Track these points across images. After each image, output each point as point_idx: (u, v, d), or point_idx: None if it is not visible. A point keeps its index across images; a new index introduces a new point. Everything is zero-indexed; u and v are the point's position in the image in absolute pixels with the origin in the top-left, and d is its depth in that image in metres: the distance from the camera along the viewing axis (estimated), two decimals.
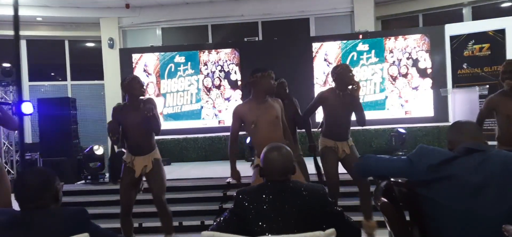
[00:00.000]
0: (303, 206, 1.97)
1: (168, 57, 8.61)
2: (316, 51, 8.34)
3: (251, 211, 1.99)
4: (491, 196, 1.77)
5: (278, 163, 2.08)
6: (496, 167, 1.81)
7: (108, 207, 5.64)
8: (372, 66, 8.14)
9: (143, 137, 3.87)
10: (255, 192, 2.07)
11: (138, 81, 3.86)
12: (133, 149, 3.90)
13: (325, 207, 2.03)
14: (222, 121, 8.53)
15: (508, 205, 1.75)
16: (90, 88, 9.76)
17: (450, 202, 1.81)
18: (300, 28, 9.23)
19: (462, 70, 7.40)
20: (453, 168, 1.85)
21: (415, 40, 8.03)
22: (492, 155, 1.87)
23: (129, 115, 3.81)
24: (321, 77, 8.32)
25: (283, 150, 2.14)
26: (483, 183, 1.79)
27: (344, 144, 4.03)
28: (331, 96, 4.02)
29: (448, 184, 1.83)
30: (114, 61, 8.90)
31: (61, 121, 7.23)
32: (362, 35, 8.19)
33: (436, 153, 1.93)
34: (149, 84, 8.60)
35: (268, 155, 2.13)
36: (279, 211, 1.97)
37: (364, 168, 2.23)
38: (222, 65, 8.57)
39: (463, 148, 1.90)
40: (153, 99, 4.03)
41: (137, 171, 3.86)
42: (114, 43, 9.11)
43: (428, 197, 1.88)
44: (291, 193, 2.02)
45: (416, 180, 1.94)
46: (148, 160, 3.89)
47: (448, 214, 1.82)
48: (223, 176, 5.93)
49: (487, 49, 7.34)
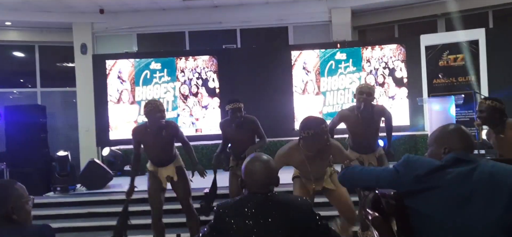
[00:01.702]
0: (288, 220, 1.89)
1: (144, 63, 8.41)
2: (295, 60, 8.32)
3: (232, 225, 1.90)
4: (478, 208, 1.73)
5: (260, 174, 1.98)
6: (483, 178, 1.77)
7: (79, 221, 5.42)
8: (350, 75, 8.17)
9: (165, 153, 4.10)
10: (236, 205, 1.97)
11: (159, 110, 3.92)
12: (156, 162, 4.11)
13: (310, 221, 1.95)
14: (199, 129, 8.38)
15: (495, 216, 1.71)
16: (61, 95, 9.45)
17: (437, 213, 1.77)
18: (279, 37, 9.22)
19: (438, 79, 7.50)
20: (440, 178, 1.81)
21: (391, 50, 8.11)
22: (479, 165, 1.83)
23: (150, 139, 4.00)
24: (299, 86, 8.30)
25: (266, 161, 2.04)
26: (471, 194, 1.75)
27: (371, 156, 4.18)
28: (351, 115, 4.15)
29: (435, 194, 1.79)
30: (87, 67, 8.62)
31: (29, 129, 6.92)
32: (340, 44, 8.23)
33: (423, 163, 1.88)
34: (123, 91, 8.38)
35: (250, 166, 2.03)
36: (262, 226, 1.87)
37: (349, 178, 2.16)
38: (199, 73, 8.44)
39: (452, 158, 1.85)
40: (175, 123, 4.36)
41: (163, 182, 4.11)
42: (87, 49, 8.85)
43: (415, 208, 1.83)
44: (275, 206, 1.93)
45: (403, 190, 1.88)
46: (171, 170, 4.11)
47: (435, 225, 1.77)
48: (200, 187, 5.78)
49: (462, 59, 7.48)
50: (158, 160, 4.10)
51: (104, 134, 8.33)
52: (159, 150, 4.06)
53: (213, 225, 1.96)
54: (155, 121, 3.91)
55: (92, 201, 5.87)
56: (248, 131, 4.39)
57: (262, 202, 1.93)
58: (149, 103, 4.00)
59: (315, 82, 8.28)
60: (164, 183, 4.13)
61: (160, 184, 4.11)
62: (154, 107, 3.91)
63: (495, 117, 3.53)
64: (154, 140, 3.99)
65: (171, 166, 4.13)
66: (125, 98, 8.39)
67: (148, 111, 3.91)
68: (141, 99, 8.38)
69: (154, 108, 3.90)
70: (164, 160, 4.11)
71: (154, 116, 3.89)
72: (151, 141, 4.01)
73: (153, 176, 4.12)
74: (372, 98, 4.09)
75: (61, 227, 4.95)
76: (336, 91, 8.22)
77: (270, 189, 1.99)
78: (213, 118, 8.40)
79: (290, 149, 3.36)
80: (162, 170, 4.10)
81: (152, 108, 3.90)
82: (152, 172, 4.12)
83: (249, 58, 8.39)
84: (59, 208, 5.79)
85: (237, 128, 4.33)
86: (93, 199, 5.93)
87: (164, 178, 4.11)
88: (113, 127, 8.37)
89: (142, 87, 8.40)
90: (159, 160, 4.10)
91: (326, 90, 8.25)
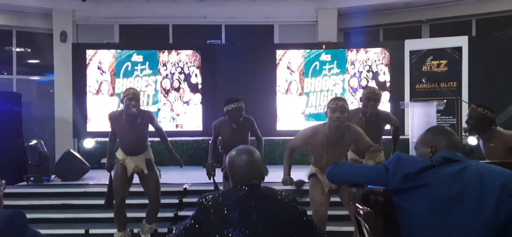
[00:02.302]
0: (271, 214, 1.83)
1: (125, 55, 8.23)
2: (279, 59, 8.27)
3: (215, 218, 1.82)
4: (467, 208, 1.71)
5: (244, 167, 1.93)
6: (473, 178, 1.76)
7: (51, 212, 5.24)
8: (334, 77, 8.17)
9: (137, 143, 4.11)
10: (220, 198, 1.89)
11: (129, 98, 3.93)
12: (126, 150, 4.11)
13: (295, 217, 1.89)
14: (179, 125, 8.24)
15: (483, 217, 1.69)
16: (39, 84, 9.15)
17: (425, 212, 1.74)
18: (264, 35, 9.15)
19: (421, 84, 7.57)
20: (430, 177, 1.78)
21: (375, 53, 8.15)
22: (469, 165, 1.83)
23: (124, 126, 4.03)
24: (283, 85, 8.25)
25: (251, 154, 1.98)
26: (460, 194, 1.73)
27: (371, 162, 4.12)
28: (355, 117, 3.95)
29: (424, 193, 1.76)
30: (66, 56, 8.37)
31: (4, 117, 6.68)
32: (325, 45, 8.22)
33: (413, 162, 1.86)
34: (103, 82, 8.18)
35: (234, 158, 1.97)
36: (245, 219, 1.80)
37: (338, 174, 2.11)
38: (182, 67, 8.30)
39: (441, 157, 1.84)
40: (150, 113, 4.33)
41: (129, 170, 4.08)
42: (67, 37, 8.58)
43: (403, 206, 1.80)
44: (258, 200, 1.86)
45: (392, 188, 1.85)
46: (140, 161, 4.10)
47: (423, 224, 1.75)
48: (179, 182, 5.67)
49: (445, 65, 7.58)
50: (129, 148, 4.11)
51: (82, 125, 8.12)
52: (132, 138, 4.07)
53: (196, 218, 1.88)
54: (127, 108, 3.95)
55: (66, 192, 5.68)
56: (245, 131, 4.24)
57: (246, 196, 1.86)
58: (125, 90, 4.07)
59: (299, 82, 8.25)
60: (129, 172, 4.10)
61: (125, 173, 4.10)
62: (127, 95, 3.96)
63: (484, 125, 3.47)
64: (128, 127, 4.02)
65: (140, 156, 4.12)
66: (105, 90, 8.19)
67: (123, 98, 4.00)
68: (121, 91, 8.17)
69: (127, 96, 3.95)
70: (134, 150, 4.11)
71: (128, 103, 3.94)
72: (124, 128, 4.04)
73: (120, 165, 4.10)
74: (379, 103, 4.04)
75: (34, 218, 4.77)
76: (319, 93, 8.21)
77: (254, 182, 1.92)
78: (194, 114, 8.28)
79: (315, 129, 3.39)
80: (131, 160, 4.09)
81: (126, 95, 3.97)
82: (120, 161, 4.11)
83: (233, 55, 8.30)
84: (32, 199, 5.58)
85: (236, 128, 4.11)
86: (68, 190, 5.74)
87: (132, 168, 4.09)
88: (91, 119, 8.16)
89: (123, 79, 8.21)
90: (129, 148, 4.10)
91: (309, 91, 8.23)
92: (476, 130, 3.54)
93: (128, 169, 4.10)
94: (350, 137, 3.35)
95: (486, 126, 3.46)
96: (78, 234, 4.87)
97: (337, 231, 4.51)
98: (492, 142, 3.45)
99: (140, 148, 4.13)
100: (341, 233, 4.21)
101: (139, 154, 4.12)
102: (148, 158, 4.19)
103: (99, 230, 4.90)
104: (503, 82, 7.22)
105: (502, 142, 3.39)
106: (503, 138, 3.40)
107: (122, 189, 4.11)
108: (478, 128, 3.51)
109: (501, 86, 7.09)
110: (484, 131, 3.49)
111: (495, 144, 3.43)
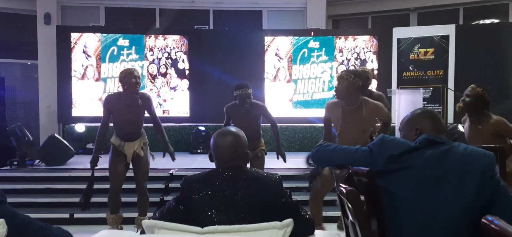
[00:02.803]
0: (256, 195, 1.81)
1: (111, 39, 8.09)
2: (268, 45, 8.22)
3: (199, 200, 1.80)
4: (449, 189, 1.73)
5: (227, 148, 1.91)
6: (455, 160, 1.78)
7: (35, 196, 5.17)
8: (322, 64, 8.16)
9: (135, 126, 3.98)
10: (204, 179, 1.87)
11: (135, 76, 3.84)
12: (123, 136, 3.97)
13: (280, 198, 1.88)
14: (166, 111, 8.18)
15: (465, 198, 1.71)
16: (22, 67, 8.96)
17: (408, 194, 1.76)
18: (253, 20, 9.07)
19: (408, 72, 7.61)
20: (413, 159, 1.80)
21: (364, 41, 8.16)
22: (452, 147, 1.84)
23: (123, 108, 3.89)
24: (271, 72, 8.22)
25: (235, 136, 1.95)
26: (442, 176, 1.75)
27: None
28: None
29: (407, 175, 1.78)
30: (50, 39, 8.19)
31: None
32: (314, 32, 8.19)
33: (397, 144, 1.87)
34: (88, 67, 8.05)
35: (218, 139, 1.94)
36: (230, 200, 1.79)
37: (323, 156, 2.11)
38: (169, 52, 8.21)
39: (424, 140, 1.86)
40: (149, 96, 4.17)
41: (128, 157, 3.95)
42: (51, 19, 8.40)
43: (387, 188, 1.81)
44: (244, 181, 1.84)
45: (376, 170, 1.86)
46: (137, 145, 3.98)
47: (406, 206, 1.76)
48: (165, 168, 5.64)
49: (432, 54, 7.62)
50: (126, 133, 3.96)
51: (67, 110, 7.99)
52: (130, 121, 3.94)
53: (180, 199, 1.86)
54: (131, 87, 3.82)
55: (51, 177, 5.60)
56: (256, 116, 4.26)
57: (230, 177, 1.84)
58: (125, 70, 3.96)
59: (287, 69, 8.23)
60: (129, 158, 3.97)
61: (124, 159, 3.97)
62: (130, 73, 3.84)
63: (478, 106, 3.47)
64: (128, 110, 3.89)
65: (137, 141, 4.00)
66: (90, 74, 8.07)
67: (124, 76, 3.84)
68: (107, 76, 8.08)
69: (130, 74, 3.83)
70: (132, 134, 3.97)
71: (130, 81, 3.81)
72: (124, 110, 3.89)
73: (117, 151, 3.97)
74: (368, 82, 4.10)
75: (18, 202, 4.70)
76: (307, 80, 8.20)
77: (238, 164, 1.90)
78: (181, 100, 8.22)
79: (333, 101, 3.57)
80: (128, 145, 3.96)
81: (128, 73, 3.84)
82: (117, 147, 3.96)
83: (221, 41, 8.23)
84: (16, 183, 5.49)
85: (245, 113, 4.15)
86: (53, 175, 5.67)
87: (131, 153, 3.96)
88: (76, 104, 8.04)
89: (109, 64, 8.09)
90: (127, 133, 3.96)
91: (297, 78, 8.21)
92: (470, 109, 3.52)
93: (128, 155, 3.97)
94: (368, 110, 3.33)
95: (480, 107, 3.47)
96: (62, 218, 4.81)
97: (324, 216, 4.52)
98: (481, 124, 3.46)
99: (138, 133, 4.02)
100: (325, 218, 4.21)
101: (136, 139, 4.00)
102: (145, 142, 4.09)
103: (83, 215, 4.84)
104: (489, 71, 7.29)
105: (491, 125, 3.41)
106: (493, 122, 3.42)
107: (121, 174, 4.00)
108: (472, 107, 3.49)
109: (487, 75, 7.16)
110: (476, 112, 3.49)
111: (483, 126, 3.45)
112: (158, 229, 1.66)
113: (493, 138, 3.34)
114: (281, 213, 1.79)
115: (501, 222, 1.16)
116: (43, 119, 8.41)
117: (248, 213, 1.76)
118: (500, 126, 3.40)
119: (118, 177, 3.99)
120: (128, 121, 3.94)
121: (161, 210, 1.89)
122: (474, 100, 3.47)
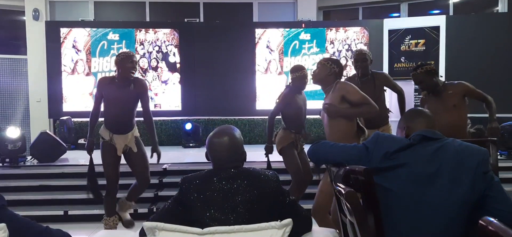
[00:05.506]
0: (256, 195, 1.81)
1: (101, 33, 8.01)
2: (259, 38, 8.21)
3: (198, 200, 1.80)
4: (443, 185, 1.75)
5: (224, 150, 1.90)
6: (449, 157, 1.80)
7: (29, 193, 5.14)
8: (313, 56, 8.18)
9: (125, 116, 3.75)
10: (203, 179, 1.87)
11: (131, 60, 3.66)
12: (112, 126, 3.74)
13: (278, 196, 1.89)
14: (158, 105, 8.15)
15: (459, 194, 1.74)
16: (11, 62, 8.84)
17: (403, 190, 1.78)
18: (243, 13, 9.03)
19: (399, 63, 7.66)
20: (407, 156, 1.82)
21: (355, 32, 8.18)
22: (446, 144, 1.86)
23: (116, 93, 3.67)
24: (262, 64, 8.22)
25: (231, 136, 1.94)
26: (437, 172, 1.77)
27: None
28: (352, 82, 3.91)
29: (402, 172, 1.80)
30: (39, 34, 8.10)
31: None
32: (305, 24, 8.19)
33: (392, 141, 1.89)
34: (78, 61, 7.97)
35: (214, 139, 1.93)
36: (229, 201, 1.79)
37: (320, 153, 2.13)
38: (160, 46, 8.16)
39: (418, 136, 1.88)
40: (145, 82, 3.92)
41: (119, 150, 3.75)
42: (40, 14, 8.28)
43: (383, 185, 1.83)
44: (242, 181, 1.84)
45: (371, 167, 1.88)
46: (129, 139, 3.77)
47: (401, 202, 1.79)
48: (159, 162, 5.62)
49: (423, 45, 7.67)
50: (116, 123, 3.72)
51: (57, 105, 7.92)
52: (121, 109, 3.70)
53: (178, 199, 1.86)
54: (125, 71, 3.63)
55: (44, 173, 5.56)
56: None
57: (229, 177, 1.85)
58: (123, 52, 3.81)
59: (278, 61, 8.23)
60: (119, 151, 3.75)
61: (115, 153, 3.74)
62: (127, 56, 3.66)
63: (431, 79, 3.66)
64: (120, 95, 3.66)
65: (129, 134, 3.77)
66: (80, 69, 8.00)
67: (121, 59, 3.65)
68: (97, 70, 8.01)
69: (127, 57, 3.65)
70: (122, 125, 3.74)
71: (125, 65, 3.62)
72: (115, 95, 3.66)
73: (107, 146, 3.74)
74: (367, 63, 4.12)
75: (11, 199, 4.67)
76: None
77: (236, 164, 1.90)
78: (173, 94, 8.18)
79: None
80: (118, 137, 3.73)
81: (126, 56, 3.66)
82: (106, 142, 3.73)
83: (212, 34, 8.19)
84: (8, 180, 5.44)
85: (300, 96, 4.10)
86: (46, 171, 5.62)
87: (122, 146, 3.75)
88: (66, 99, 7.97)
89: (99, 58, 8.02)
90: (117, 124, 3.72)
91: (288, 70, 8.19)
92: (429, 88, 3.71)
93: (118, 149, 3.73)
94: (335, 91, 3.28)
95: (433, 78, 3.67)
96: (57, 215, 4.80)
97: None
98: (450, 89, 3.67)
99: (128, 125, 3.76)
100: None
101: (127, 132, 3.75)
102: (137, 135, 3.86)
103: (78, 211, 4.84)
104: (479, 62, 7.36)
105: (459, 87, 3.66)
106: (460, 85, 3.68)
107: (115, 174, 3.79)
108: (429, 85, 3.68)
109: (477, 66, 7.23)
110: (434, 85, 3.68)
111: (453, 91, 3.65)
112: (159, 231, 1.67)
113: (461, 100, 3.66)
114: (280, 211, 1.81)
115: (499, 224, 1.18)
116: (33, 115, 8.33)
117: (247, 213, 1.77)
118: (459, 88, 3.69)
119: (113, 173, 3.78)
120: (119, 108, 3.70)
121: (160, 211, 1.90)
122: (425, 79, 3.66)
